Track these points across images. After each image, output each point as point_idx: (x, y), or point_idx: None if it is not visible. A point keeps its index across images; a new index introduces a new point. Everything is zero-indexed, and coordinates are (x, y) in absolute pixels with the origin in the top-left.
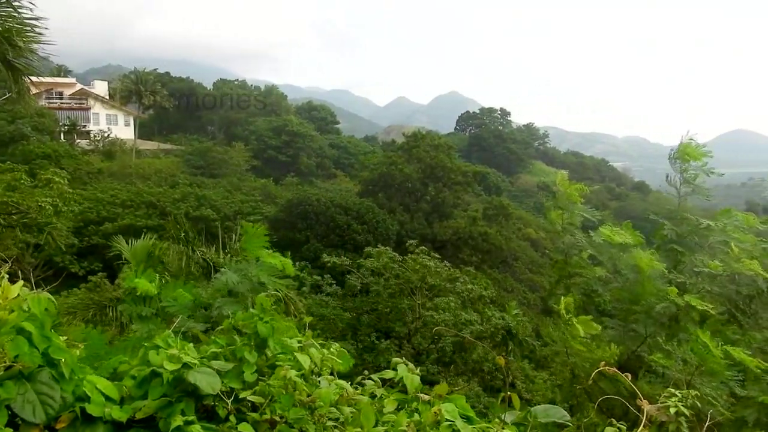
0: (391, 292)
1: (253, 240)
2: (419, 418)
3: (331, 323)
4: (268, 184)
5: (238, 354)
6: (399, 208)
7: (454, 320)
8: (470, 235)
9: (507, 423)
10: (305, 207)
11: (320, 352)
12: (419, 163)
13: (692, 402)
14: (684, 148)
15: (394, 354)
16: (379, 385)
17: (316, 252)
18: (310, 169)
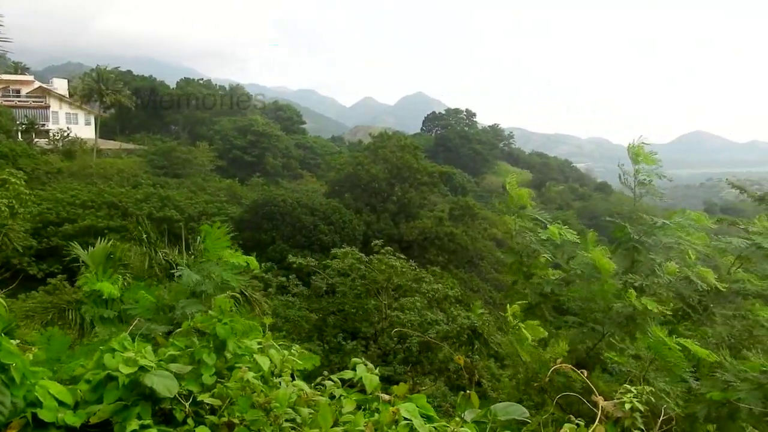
0: (357, 292)
1: (214, 240)
2: (378, 417)
3: (297, 324)
4: (234, 185)
5: (196, 356)
6: (366, 209)
7: (420, 320)
8: (436, 236)
9: (467, 421)
10: (271, 207)
11: (281, 353)
12: (386, 164)
13: (647, 398)
14: (635, 151)
15: (361, 354)
16: (339, 385)
17: (282, 253)
18: (276, 169)
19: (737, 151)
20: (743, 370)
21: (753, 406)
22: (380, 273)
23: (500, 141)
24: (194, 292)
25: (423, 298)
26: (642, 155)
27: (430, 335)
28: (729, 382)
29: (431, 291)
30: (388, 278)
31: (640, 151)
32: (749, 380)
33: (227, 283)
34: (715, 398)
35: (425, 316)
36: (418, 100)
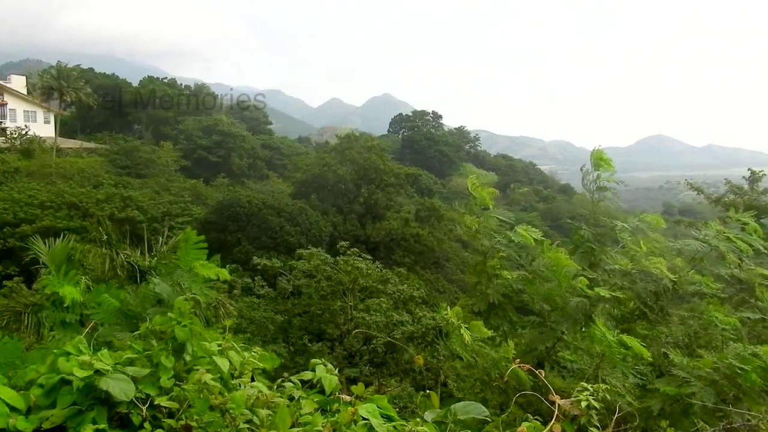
0: (323, 294)
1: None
2: (337, 418)
3: (262, 326)
4: (198, 185)
5: (154, 359)
6: (332, 210)
7: (385, 321)
8: (403, 237)
9: (427, 420)
10: (236, 208)
11: (240, 355)
12: (352, 165)
13: (602, 395)
14: (596, 156)
15: (327, 356)
16: (299, 386)
17: (248, 254)
18: (241, 169)
19: (695, 155)
20: (697, 367)
21: (706, 401)
22: (346, 274)
23: (466, 143)
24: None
25: (389, 299)
26: (603, 161)
27: (395, 336)
28: (683, 379)
29: (397, 292)
30: (354, 279)
31: (601, 157)
32: (702, 377)
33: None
34: (670, 393)
35: (391, 317)
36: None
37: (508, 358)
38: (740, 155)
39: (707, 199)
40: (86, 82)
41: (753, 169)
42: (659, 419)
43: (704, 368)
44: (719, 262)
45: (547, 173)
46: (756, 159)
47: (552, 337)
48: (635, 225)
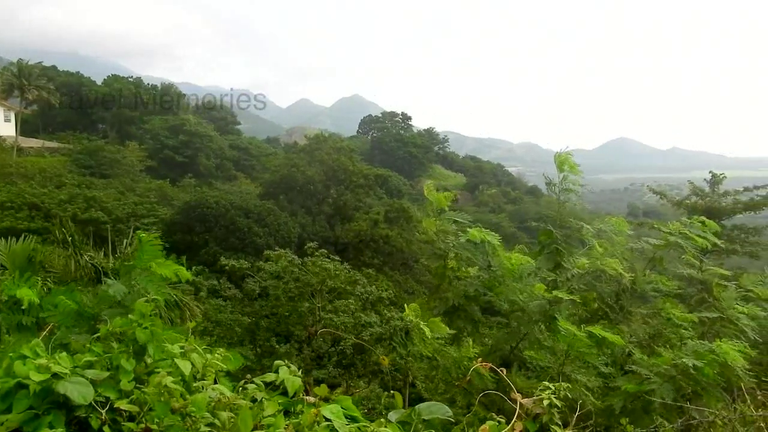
0: (290, 295)
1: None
2: (299, 419)
3: (229, 328)
4: (165, 186)
5: (114, 362)
6: (301, 211)
7: (353, 322)
8: (372, 238)
9: (391, 421)
10: (203, 209)
11: (203, 357)
12: (321, 166)
13: (564, 393)
14: (561, 159)
15: (295, 358)
16: (262, 388)
17: (215, 255)
18: (209, 170)
19: (659, 157)
20: (656, 364)
21: (665, 398)
22: (314, 275)
23: (435, 144)
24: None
25: (357, 300)
26: (567, 164)
27: (363, 337)
28: (643, 376)
29: (365, 293)
30: (322, 281)
31: (565, 159)
32: (661, 374)
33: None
34: (631, 390)
35: (359, 318)
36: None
37: (470, 358)
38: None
39: (669, 201)
40: (49, 80)
41: (714, 172)
42: (621, 416)
43: (663, 365)
44: (677, 261)
45: (514, 175)
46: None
47: (515, 338)
48: (600, 228)
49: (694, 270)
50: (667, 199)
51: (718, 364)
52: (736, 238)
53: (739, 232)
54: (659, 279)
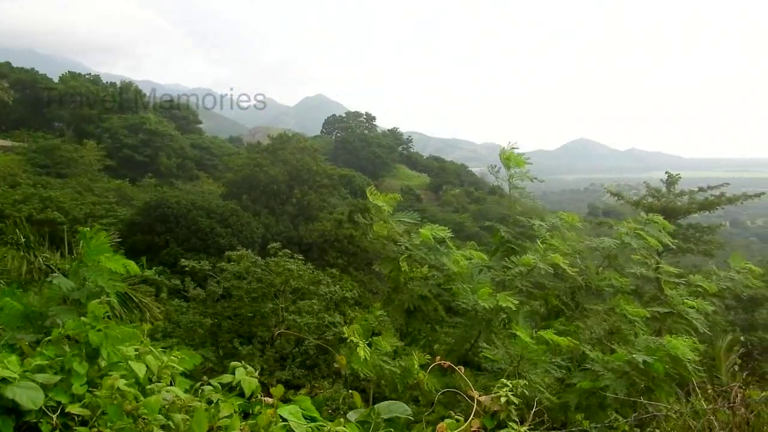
0: (253, 296)
1: (92, 245)
2: (256, 420)
3: (191, 330)
4: (124, 185)
5: (66, 365)
6: (264, 211)
7: (317, 323)
8: (336, 238)
9: (350, 421)
10: (164, 209)
11: (159, 359)
12: (285, 166)
13: (521, 391)
14: (506, 156)
15: (258, 359)
16: (218, 390)
17: (177, 256)
18: (170, 169)
19: (618, 158)
20: (610, 360)
21: (618, 393)
22: (277, 276)
23: (399, 145)
24: (66, 299)
25: (321, 300)
26: (512, 159)
27: (327, 338)
28: (597, 372)
29: (329, 293)
30: (286, 281)
31: (510, 156)
32: (615, 370)
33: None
34: (585, 387)
35: (323, 318)
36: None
37: (423, 365)
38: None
39: (627, 202)
40: (2, 76)
41: (670, 173)
42: (577, 412)
43: (616, 361)
44: (630, 258)
45: (478, 175)
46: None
47: (471, 338)
48: (552, 223)
49: (647, 268)
50: (625, 200)
51: (669, 359)
52: (691, 237)
53: (694, 231)
54: (613, 276)
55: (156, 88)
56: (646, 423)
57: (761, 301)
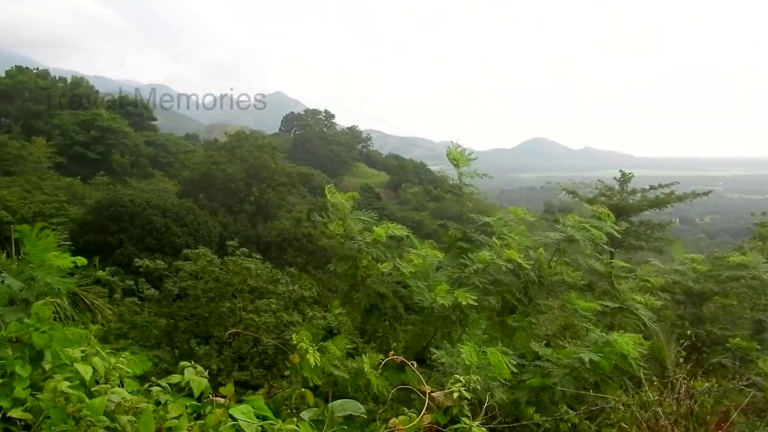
0: (210, 295)
1: (35, 243)
2: (204, 421)
3: (146, 331)
4: (75, 184)
5: (8, 369)
6: (221, 210)
7: (275, 322)
8: (295, 236)
9: (303, 419)
10: (118, 208)
11: (106, 360)
12: (243, 163)
13: (474, 386)
14: (453, 156)
15: (215, 359)
16: (167, 390)
17: (131, 256)
18: (123, 167)
19: (573, 157)
20: (558, 357)
21: (567, 388)
22: (234, 275)
23: (359, 143)
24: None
25: (279, 299)
26: (460, 159)
27: (286, 337)
28: (547, 369)
29: (287, 292)
30: (243, 280)
31: (458, 156)
32: (563, 366)
33: (51, 287)
34: (535, 384)
35: (281, 317)
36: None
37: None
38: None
39: (581, 199)
40: None
41: (623, 171)
42: (528, 408)
43: (565, 358)
44: (579, 252)
45: (436, 173)
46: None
47: (428, 335)
48: (504, 219)
49: (597, 262)
50: (580, 198)
51: (615, 355)
52: (643, 234)
53: (645, 228)
54: (565, 270)
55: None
56: (595, 416)
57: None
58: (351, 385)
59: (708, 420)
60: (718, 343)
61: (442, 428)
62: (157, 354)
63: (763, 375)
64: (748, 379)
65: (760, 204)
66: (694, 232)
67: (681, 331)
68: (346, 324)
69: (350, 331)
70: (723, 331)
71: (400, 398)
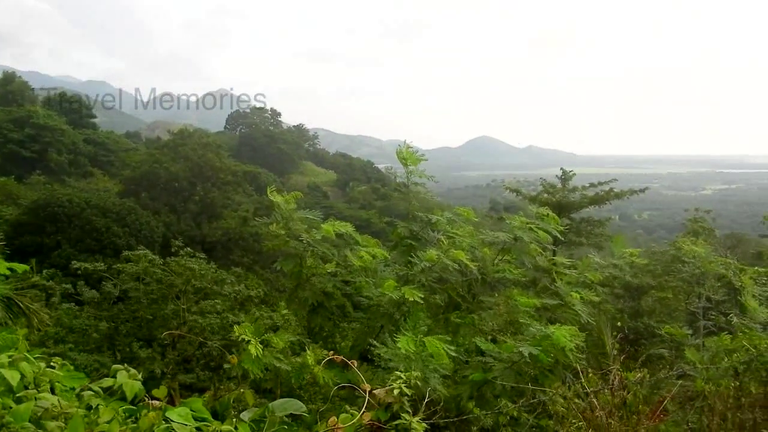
0: (153, 297)
1: None
2: (137, 424)
3: (85, 334)
4: (9, 183)
5: None
6: (165, 209)
7: (221, 323)
8: (241, 236)
9: (243, 421)
10: (55, 208)
11: (36, 365)
12: (187, 162)
13: (415, 383)
14: (402, 155)
15: (158, 362)
16: (100, 394)
17: (69, 258)
18: (61, 166)
19: (517, 155)
20: (499, 351)
21: (508, 382)
22: (178, 276)
23: (305, 141)
24: None
25: (225, 300)
26: (409, 158)
27: (232, 338)
28: (489, 364)
29: (233, 292)
30: (187, 281)
31: (407, 155)
32: (504, 360)
33: None
34: (477, 379)
35: (227, 318)
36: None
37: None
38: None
39: (525, 197)
40: None
41: (564, 169)
42: (471, 402)
43: (506, 353)
44: (523, 251)
45: (384, 172)
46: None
47: (372, 333)
48: (450, 217)
49: (540, 259)
50: (523, 195)
51: (554, 348)
52: (583, 231)
53: (586, 224)
54: (507, 268)
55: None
56: (535, 408)
57: (646, 290)
58: (296, 378)
59: (641, 409)
60: (655, 335)
61: (383, 425)
62: (97, 358)
63: (692, 364)
64: (678, 369)
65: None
66: (633, 228)
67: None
68: (293, 323)
69: (297, 330)
70: (660, 323)
71: (347, 397)
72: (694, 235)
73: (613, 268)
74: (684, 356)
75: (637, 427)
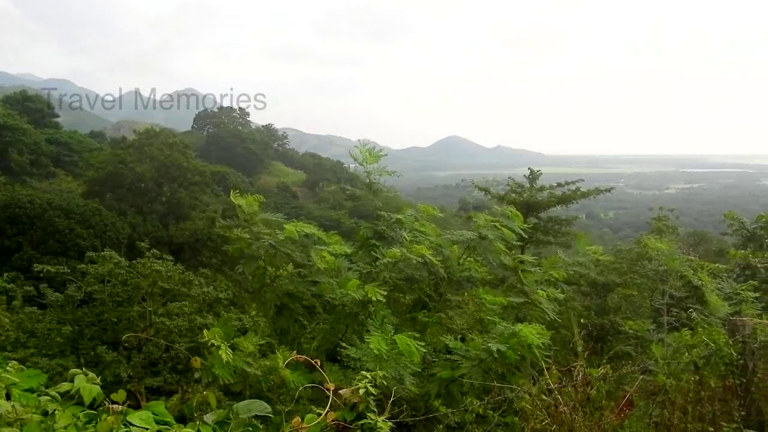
0: (118, 299)
1: None
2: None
3: (48, 339)
4: None
5: None
6: (130, 210)
7: (188, 325)
8: (209, 237)
9: (207, 423)
10: (15, 210)
11: None
12: (153, 162)
13: (380, 382)
14: (356, 154)
15: (124, 366)
16: (58, 399)
17: (31, 260)
18: (21, 166)
19: (486, 155)
20: (467, 349)
21: (475, 380)
22: (144, 278)
23: (274, 141)
24: None
25: (193, 302)
26: (366, 157)
27: (200, 340)
28: (456, 361)
29: (201, 294)
30: (153, 283)
31: (363, 153)
32: (471, 358)
33: None
34: (445, 377)
35: (194, 320)
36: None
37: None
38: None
39: (493, 197)
40: None
41: (532, 169)
42: (438, 400)
43: (473, 350)
44: (488, 249)
45: (353, 172)
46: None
47: (338, 334)
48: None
49: (507, 257)
50: (492, 195)
51: (521, 346)
52: (551, 230)
53: (553, 223)
54: (474, 266)
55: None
56: (501, 405)
57: (612, 287)
58: (264, 381)
59: (604, 404)
60: (621, 332)
61: (349, 425)
62: (60, 362)
63: (654, 360)
64: (641, 364)
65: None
66: (599, 226)
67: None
68: (262, 325)
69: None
70: (626, 319)
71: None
72: (659, 234)
73: (578, 265)
74: (648, 352)
75: (600, 422)
